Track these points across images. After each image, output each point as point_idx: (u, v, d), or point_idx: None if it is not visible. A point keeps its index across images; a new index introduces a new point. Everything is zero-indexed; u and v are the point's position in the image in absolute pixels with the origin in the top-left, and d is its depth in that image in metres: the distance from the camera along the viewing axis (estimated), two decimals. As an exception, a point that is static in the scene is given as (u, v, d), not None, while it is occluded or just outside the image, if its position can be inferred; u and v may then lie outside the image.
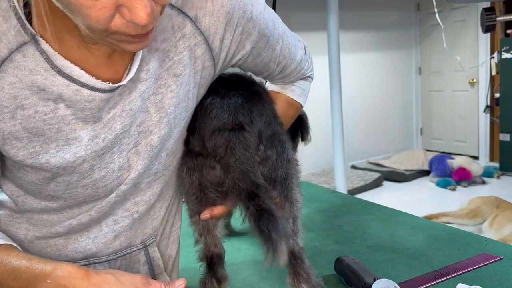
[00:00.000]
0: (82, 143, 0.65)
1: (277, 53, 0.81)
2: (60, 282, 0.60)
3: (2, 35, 0.58)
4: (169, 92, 0.70)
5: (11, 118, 0.61)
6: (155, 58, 0.68)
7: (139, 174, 0.72)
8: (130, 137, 0.69)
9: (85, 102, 0.63)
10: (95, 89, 0.63)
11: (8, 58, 0.59)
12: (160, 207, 0.81)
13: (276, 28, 0.79)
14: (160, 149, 0.73)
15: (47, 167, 0.65)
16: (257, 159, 0.73)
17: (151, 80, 0.68)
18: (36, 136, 0.63)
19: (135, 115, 0.68)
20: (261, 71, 0.83)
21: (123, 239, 0.77)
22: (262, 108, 0.78)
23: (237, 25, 0.72)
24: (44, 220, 0.73)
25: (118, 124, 0.67)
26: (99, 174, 0.69)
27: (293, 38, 0.85)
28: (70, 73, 0.61)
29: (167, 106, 0.70)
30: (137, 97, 0.67)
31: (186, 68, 0.71)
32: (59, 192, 0.69)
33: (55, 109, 0.63)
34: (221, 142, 0.71)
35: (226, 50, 0.74)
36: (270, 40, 0.78)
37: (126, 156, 0.70)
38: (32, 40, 0.59)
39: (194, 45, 0.71)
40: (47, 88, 0.61)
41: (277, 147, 0.76)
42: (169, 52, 0.69)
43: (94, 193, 0.71)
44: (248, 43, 0.75)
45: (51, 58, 0.60)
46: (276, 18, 0.80)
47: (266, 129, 0.76)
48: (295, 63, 0.86)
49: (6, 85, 0.60)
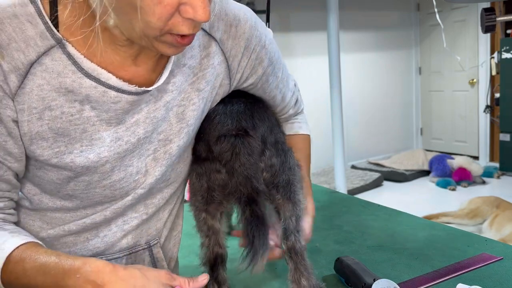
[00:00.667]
0: (105, 143, 0.68)
1: (279, 80, 0.88)
2: (89, 277, 0.62)
3: (30, 39, 0.61)
4: (191, 105, 0.75)
5: (38, 118, 0.64)
6: (182, 72, 0.73)
7: (156, 179, 0.75)
8: (150, 143, 0.73)
9: (111, 103, 0.66)
10: (122, 91, 0.66)
11: (36, 61, 0.62)
12: (164, 209, 0.84)
13: (279, 57, 0.87)
14: (178, 157, 0.77)
15: (72, 167, 0.68)
16: (262, 165, 0.77)
17: (176, 92, 0.73)
18: (61, 137, 0.66)
19: (158, 123, 0.72)
20: (266, 96, 0.88)
21: (129, 238, 0.80)
22: (263, 114, 0.82)
23: (253, 51, 0.79)
24: (57, 219, 0.75)
25: (141, 129, 0.71)
26: (118, 175, 0.72)
27: (287, 72, 0.93)
28: (98, 76, 0.65)
29: (188, 118, 0.75)
30: (162, 106, 0.72)
31: (208, 85, 0.77)
32: (77, 192, 0.71)
33: (80, 111, 0.66)
34: (227, 147, 0.74)
35: (241, 72, 0.80)
36: (276, 67, 0.85)
37: (144, 161, 0.74)
38: (59, 44, 0.62)
39: (217, 64, 0.77)
40: (75, 90, 0.64)
41: (281, 156, 0.79)
42: (194, 68, 0.74)
43: (110, 195, 0.73)
44: (260, 69, 0.81)
45: (78, 61, 0.64)
46: (278, 51, 0.88)
47: (269, 135, 0.80)
48: (290, 90, 0.93)
49: (35, 87, 0.63)
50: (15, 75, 0.61)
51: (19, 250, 0.64)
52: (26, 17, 0.61)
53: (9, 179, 0.69)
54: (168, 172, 0.77)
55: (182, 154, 0.78)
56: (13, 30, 0.60)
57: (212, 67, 0.76)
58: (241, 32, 0.77)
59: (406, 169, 4.92)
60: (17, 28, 0.60)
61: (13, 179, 0.69)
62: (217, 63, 0.76)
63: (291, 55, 4.75)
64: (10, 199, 0.72)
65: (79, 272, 0.62)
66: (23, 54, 0.61)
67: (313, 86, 4.77)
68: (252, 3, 4.17)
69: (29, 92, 0.63)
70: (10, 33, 0.60)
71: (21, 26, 0.60)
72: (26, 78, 0.62)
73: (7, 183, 0.69)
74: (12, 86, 0.62)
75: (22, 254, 0.64)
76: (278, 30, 4.54)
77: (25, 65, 0.61)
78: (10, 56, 0.60)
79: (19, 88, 0.62)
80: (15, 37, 0.60)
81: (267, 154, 0.77)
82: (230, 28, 0.76)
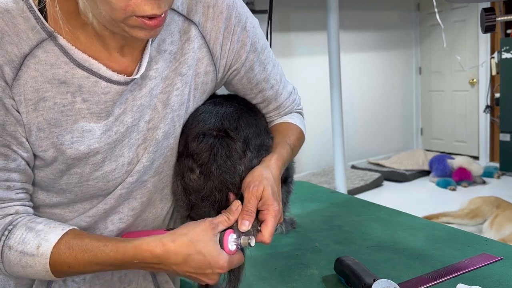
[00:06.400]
0: (95, 136, 0.69)
1: (268, 74, 0.86)
2: (146, 261, 0.65)
3: (23, 32, 0.63)
4: (175, 90, 0.75)
5: (34, 110, 0.66)
6: (164, 58, 0.74)
7: (144, 167, 0.76)
8: (139, 132, 0.74)
9: (102, 94, 0.68)
10: (111, 81, 0.68)
11: (30, 53, 0.64)
12: (162, 207, 0.83)
13: (267, 50, 0.86)
14: (163, 144, 0.76)
15: (61, 159, 0.69)
16: (242, 167, 0.75)
17: (159, 78, 0.74)
18: (54, 127, 0.67)
19: (144, 111, 0.73)
20: (253, 89, 0.86)
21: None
22: (252, 120, 0.81)
23: (233, 32, 0.79)
24: (56, 215, 0.76)
25: (129, 118, 0.72)
26: (110, 166, 0.72)
27: (283, 74, 0.92)
28: (89, 66, 0.67)
29: (172, 103, 0.75)
30: (147, 93, 0.73)
31: (190, 69, 0.77)
32: (71, 186, 0.72)
33: (72, 102, 0.67)
34: (205, 147, 0.73)
35: (226, 57, 0.80)
36: (261, 56, 0.84)
37: (136, 151, 0.75)
38: (50, 37, 0.65)
39: (197, 48, 0.77)
40: (68, 81, 0.66)
41: (262, 157, 0.78)
42: (176, 54, 0.75)
43: (104, 187, 0.74)
44: (244, 53, 0.81)
45: (70, 53, 0.66)
46: (267, 45, 0.86)
47: (255, 139, 0.78)
48: (287, 92, 0.91)
49: (29, 79, 0.65)
50: (9, 67, 0.63)
51: (63, 240, 0.67)
52: (17, 11, 0.63)
53: (25, 169, 0.69)
54: (157, 161, 0.77)
55: (170, 142, 0.77)
56: (5, 24, 0.62)
57: (193, 51, 0.76)
58: (218, 12, 0.77)
59: (406, 169, 4.91)
60: (9, 22, 0.62)
61: (28, 169, 0.70)
62: (197, 47, 0.77)
63: (291, 55, 4.74)
64: (26, 191, 0.72)
65: (135, 257, 0.65)
66: (16, 47, 0.63)
67: (313, 86, 4.77)
68: (251, 3, 4.17)
69: (24, 84, 0.64)
70: (3, 27, 0.62)
71: (13, 20, 0.63)
72: (20, 70, 0.64)
73: (23, 173, 0.69)
74: (8, 78, 0.63)
75: (69, 243, 0.66)
76: (278, 30, 4.55)
77: (18, 58, 0.63)
78: (4, 49, 0.62)
79: (14, 80, 0.64)
80: (7, 31, 0.62)
81: (248, 155, 0.76)
82: (208, 9, 0.76)
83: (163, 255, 0.65)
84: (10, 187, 0.68)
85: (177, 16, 0.75)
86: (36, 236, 0.66)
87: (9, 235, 0.67)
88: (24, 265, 0.66)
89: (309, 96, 4.67)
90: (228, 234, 0.68)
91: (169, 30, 0.74)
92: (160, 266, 0.66)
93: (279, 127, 0.90)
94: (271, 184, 0.73)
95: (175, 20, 0.75)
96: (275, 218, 0.71)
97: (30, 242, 0.66)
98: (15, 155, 0.67)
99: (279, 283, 0.90)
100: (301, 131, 0.92)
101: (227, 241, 0.68)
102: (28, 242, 0.66)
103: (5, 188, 0.68)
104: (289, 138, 0.87)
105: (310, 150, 4.75)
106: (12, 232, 0.67)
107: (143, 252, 0.65)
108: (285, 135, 0.87)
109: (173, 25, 0.74)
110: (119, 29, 0.62)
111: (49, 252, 0.65)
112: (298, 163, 4.64)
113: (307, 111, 1.19)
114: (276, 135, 0.86)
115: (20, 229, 0.67)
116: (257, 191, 0.72)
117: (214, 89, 0.84)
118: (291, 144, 0.86)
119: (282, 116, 0.93)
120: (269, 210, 0.71)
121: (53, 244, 0.66)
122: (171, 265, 0.65)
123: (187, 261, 0.65)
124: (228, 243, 0.68)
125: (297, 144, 0.89)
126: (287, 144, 0.85)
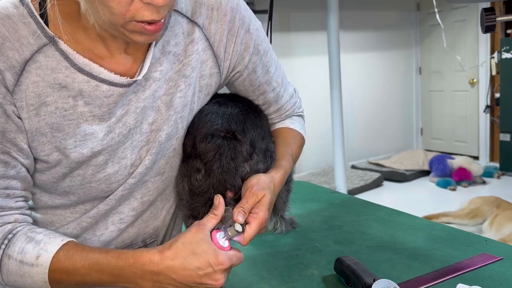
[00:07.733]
0: (98, 138, 0.69)
1: (271, 76, 0.86)
2: (146, 269, 0.65)
3: (24, 38, 0.63)
4: (179, 91, 0.75)
5: (36, 115, 0.66)
6: (167, 60, 0.73)
7: (146, 168, 0.76)
8: (142, 134, 0.74)
9: (104, 98, 0.68)
10: (114, 84, 0.68)
11: (31, 59, 0.64)
12: (162, 207, 0.84)
13: (270, 53, 0.85)
14: (166, 145, 0.76)
15: (65, 163, 0.69)
16: (247, 169, 0.76)
17: (163, 80, 0.73)
18: (56, 132, 0.67)
19: (147, 113, 0.73)
20: (255, 91, 0.86)
21: (125, 236, 0.81)
22: (257, 121, 0.81)
23: (237, 34, 0.78)
24: (58, 215, 0.76)
25: (131, 119, 0.72)
26: (112, 168, 0.73)
27: (285, 76, 0.92)
28: (90, 70, 0.66)
29: (176, 105, 0.75)
30: (150, 95, 0.73)
31: (194, 71, 0.76)
32: (74, 188, 0.72)
33: (74, 106, 0.67)
34: (212, 147, 0.74)
35: (230, 59, 0.79)
36: (264, 58, 0.83)
37: (139, 153, 0.74)
38: (51, 42, 0.65)
39: (201, 50, 0.77)
40: (69, 85, 0.66)
41: (267, 163, 0.79)
42: (180, 56, 0.75)
43: (107, 189, 0.74)
44: (247, 55, 0.81)
45: (70, 57, 0.66)
46: (270, 47, 0.86)
47: (261, 142, 0.79)
48: (288, 94, 0.91)
49: (30, 84, 0.64)
50: (10, 73, 0.63)
51: (63, 250, 0.66)
52: (18, 17, 0.63)
53: (25, 176, 0.69)
54: (159, 162, 0.77)
55: (172, 144, 0.77)
56: (6, 30, 0.62)
57: (197, 53, 0.76)
58: (222, 14, 0.76)
59: (406, 169, 4.91)
60: (10, 28, 0.62)
61: (28, 176, 0.70)
62: (201, 49, 0.77)
63: (291, 55, 4.74)
64: (25, 200, 0.72)
65: (135, 266, 0.65)
66: (17, 53, 0.63)
67: (313, 86, 4.77)
68: (252, 3, 4.17)
69: (25, 89, 0.64)
70: (3, 33, 0.62)
71: (14, 26, 0.63)
72: (21, 76, 0.64)
73: (23, 181, 0.69)
74: (9, 84, 0.63)
75: (69, 252, 0.66)
76: (278, 30, 4.54)
77: (20, 63, 0.63)
78: (5, 55, 0.62)
79: (15, 86, 0.64)
80: (8, 37, 0.62)
81: (255, 158, 0.76)
82: (212, 12, 0.76)
83: (161, 262, 0.64)
84: (9, 195, 0.68)
85: (180, 17, 0.75)
86: (35, 246, 0.66)
87: (9, 244, 0.66)
88: (23, 275, 0.65)
89: (309, 96, 4.66)
90: (215, 233, 0.69)
91: (173, 32, 0.74)
92: (159, 278, 0.64)
93: (281, 133, 0.91)
94: (271, 197, 0.75)
95: (179, 21, 0.74)
96: (260, 225, 0.72)
97: (29, 252, 0.65)
98: (15, 162, 0.67)
99: (279, 283, 0.90)
100: (302, 137, 0.94)
101: (217, 238, 0.68)
102: (27, 251, 0.66)
103: (4, 196, 0.68)
104: (291, 149, 0.88)
105: (310, 150, 4.75)
106: (12, 241, 0.66)
107: (142, 258, 0.64)
108: (287, 144, 0.88)
109: (177, 27, 0.74)
110: (119, 33, 0.63)
111: (49, 262, 0.65)
112: (298, 163, 4.63)
113: (307, 111, 1.18)
114: (279, 143, 0.87)
115: (20, 238, 0.67)
116: (258, 194, 0.72)
117: (217, 90, 0.85)
118: (293, 154, 0.88)
119: (283, 119, 0.94)
120: (259, 215, 0.72)
121: (52, 255, 0.65)
122: (170, 275, 0.64)
123: (185, 265, 0.64)
124: (218, 240, 0.68)
125: (298, 153, 0.91)
126: (290, 156, 0.87)
